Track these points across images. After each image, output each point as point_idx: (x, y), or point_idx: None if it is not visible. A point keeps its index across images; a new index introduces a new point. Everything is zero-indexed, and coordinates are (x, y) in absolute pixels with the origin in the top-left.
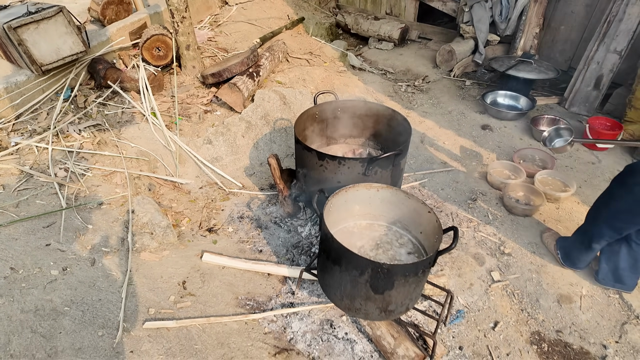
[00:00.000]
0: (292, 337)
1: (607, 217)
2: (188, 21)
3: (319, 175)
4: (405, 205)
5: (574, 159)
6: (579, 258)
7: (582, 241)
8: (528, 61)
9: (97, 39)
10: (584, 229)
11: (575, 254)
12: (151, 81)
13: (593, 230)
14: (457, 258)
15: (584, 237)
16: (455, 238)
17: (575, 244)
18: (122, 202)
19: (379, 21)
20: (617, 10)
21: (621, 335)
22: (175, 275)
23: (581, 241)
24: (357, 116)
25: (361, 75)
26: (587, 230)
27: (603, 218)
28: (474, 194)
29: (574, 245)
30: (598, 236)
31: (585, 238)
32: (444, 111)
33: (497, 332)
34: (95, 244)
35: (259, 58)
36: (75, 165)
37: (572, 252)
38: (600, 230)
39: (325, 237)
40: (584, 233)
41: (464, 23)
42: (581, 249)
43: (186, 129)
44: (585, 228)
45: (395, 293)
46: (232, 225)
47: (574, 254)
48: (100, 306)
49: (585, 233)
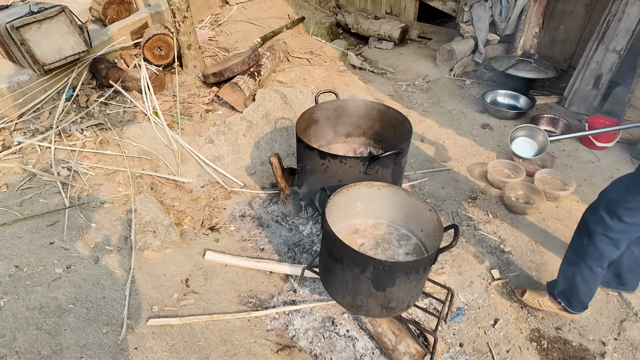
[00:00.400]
0: (294, 334)
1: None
2: (189, 21)
3: (321, 174)
4: (407, 203)
5: (573, 157)
6: (590, 295)
7: (582, 274)
8: (528, 60)
9: (99, 39)
10: (576, 261)
11: (583, 292)
12: (153, 80)
13: (587, 259)
14: (457, 256)
15: (586, 270)
16: (456, 236)
17: (579, 284)
18: (125, 200)
19: (379, 21)
20: (617, 10)
21: (620, 333)
22: (178, 273)
23: (581, 275)
24: (358, 115)
25: (361, 75)
26: (582, 260)
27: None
28: (474, 193)
29: (577, 286)
30: (598, 260)
31: (585, 268)
32: (444, 110)
33: (497, 329)
34: (98, 243)
35: (259, 57)
36: (77, 164)
37: (579, 293)
38: (597, 255)
39: (327, 235)
40: (579, 265)
41: (464, 22)
42: (587, 279)
43: (188, 128)
44: (577, 260)
45: (396, 290)
46: (234, 224)
47: (583, 293)
48: (104, 304)
49: (581, 263)
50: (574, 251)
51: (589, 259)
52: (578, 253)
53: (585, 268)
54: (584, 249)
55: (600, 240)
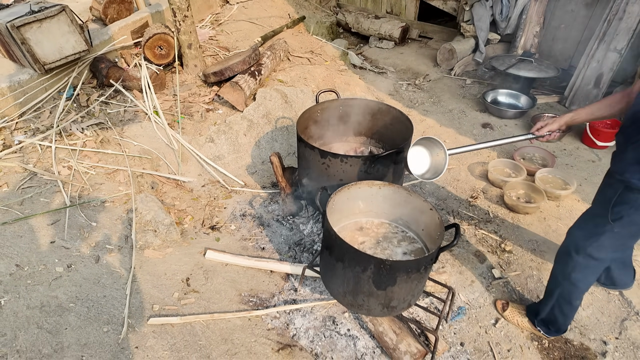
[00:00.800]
0: (295, 333)
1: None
2: (190, 20)
3: (321, 173)
4: (407, 202)
5: (574, 157)
6: (568, 320)
7: (565, 309)
8: (528, 60)
9: (99, 38)
10: (555, 296)
11: (562, 321)
12: (153, 80)
13: (573, 290)
14: (458, 256)
15: (565, 306)
16: (457, 235)
17: (558, 316)
18: (125, 200)
19: (380, 20)
20: (617, 9)
21: (621, 332)
22: (179, 272)
23: (564, 310)
24: (358, 114)
25: (362, 74)
26: (567, 295)
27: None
28: (475, 192)
29: (556, 317)
30: (576, 294)
31: (567, 305)
32: (445, 110)
33: (498, 328)
34: (99, 242)
35: (260, 57)
36: (78, 163)
37: (558, 322)
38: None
39: (328, 234)
40: (562, 302)
41: (465, 22)
42: (566, 312)
43: (188, 128)
44: (563, 295)
45: (397, 289)
46: (234, 223)
47: (561, 322)
48: (105, 302)
49: (565, 300)
50: (553, 287)
51: (567, 295)
52: (556, 290)
53: (563, 303)
54: (562, 287)
55: (575, 278)
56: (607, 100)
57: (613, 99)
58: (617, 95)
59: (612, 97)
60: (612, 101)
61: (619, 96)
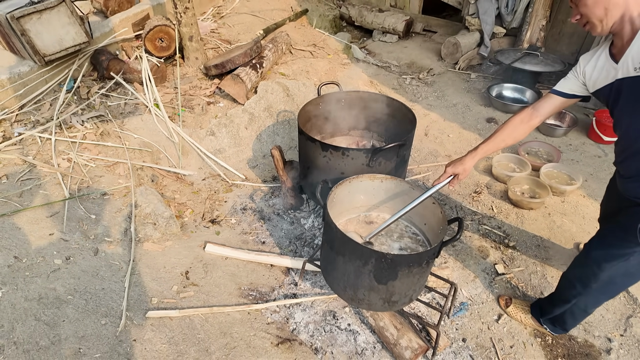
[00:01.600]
0: (294, 327)
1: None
2: (191, 12)
3: (323, 166)
4: (410, 196)
5: (580, 152)
6: (575, 324)
7: (575, 313)
8: (534, 54)
9: (100, 30)
10: (569, 300)
11: (570, 323)
12: (154, 72)
13: (581, 304)
14: (461, 251)
15: (575, 309)
16: (460, 229)
17: (569, 317)
18: (125, 192)
19: (384, 13)
20: None
21: (626, 329)
22: (178, 266)
23: (574, 314)
24: (361, 107)
25: (365, 68)
26: (576, 305)
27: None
28: (479, 187)
29: (567, 318)
30: (594, 305)
31: (578, 310)
32: (449, 104)
33: (501, 324)
34: (98, 234)
35: (262, 50)
36: (78, 155)
37: (566, 323)
38: (592, 301)
39: (328, 227)
40: (572, 306)
41: (470, 15)
42: (577, 316)
43: (189, 121)
44: (571, 300)
45: (398, 284)
46: (235, 217)
47: (570, 324)
48: (103, 295)
49: (574, 307)
50: (570, 295)
51: (584, 305)
52: (574, 298)
53: (579, 311)
54: (581, 297)
55: (599, 293)
56: (508, 127)
57: (517, 121)
58: (520, 116)
59: (515, 120)
60: (515, 124)
61: (524, 115)
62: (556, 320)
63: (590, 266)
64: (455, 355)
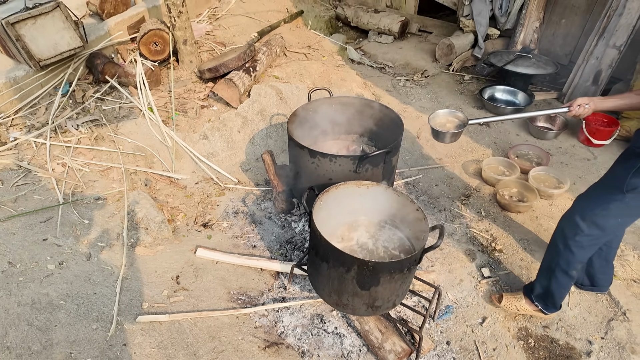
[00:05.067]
0: (282, 331)
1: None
2: (185, 16)
3: (311, 172)
4: (395, 202)
5: (569, 155)
6: (564, 294)
7: (561, 279)
8: (527, 56)
9: (96, 33)
10: (557, 267)
11: (558, 294)
12: (148, 76)
13: (571, 258)
14: (448, 254)
15: (561, 276)
16: (441, 236)
17: (555, 289)
18: (119, 197)
19: (379, 14)
20: (617, 5)
21: (607, 332)
22: (169, 270)
23: (560, 280)
24: (351, 112)
25: (360, 69)
26: (564, 263)
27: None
28: (468, 190)
29: (552, 290)
30: (573, 264)
31: (562, 274)
32: (442, 106)
33: (485, 327)
34: (91, 239)
35: (255, 53)
36: (72, 160)
37: (554, 296)
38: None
39: (313, 234)
40: (558, 271)
41: (464, 16)
42: (562, 283)
43: (183, 124)
44: (559, 264)
45: (381, 289)
46: (227, 221)
47: (557, 296)
48: (95, 300)
49: (560, 269)
50: (551, 257)
51: (564, 265)
52: (554, 259)
53: (560, 273)
54: (560, 255)
55: (575, 246)
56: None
57: None
58: None
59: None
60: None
61: None
62: (546, 297)
63: (573, 217)
64: (439, 358)
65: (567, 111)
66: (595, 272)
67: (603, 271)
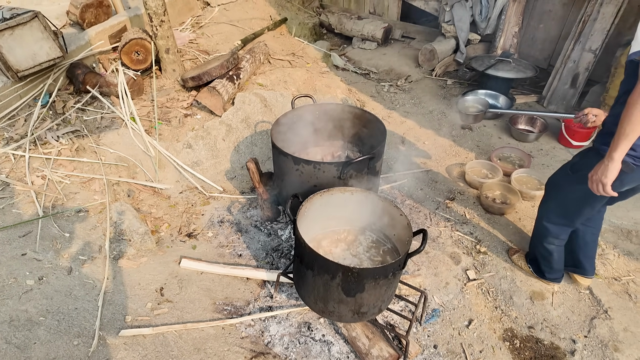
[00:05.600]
0: (269, 340)
1: (546, 214)
2: (167, 25)
3: (296, 179)
4: (379, 208)
5: (550, 156)
6: (548, 266)
7: (538, 247)
8: (507, 60)
9: (76, 43)
10: (534, 234)
11: (543, 264)
12: (130, 86)
13: (544, 234)
14: (434, 258)
15: (536, 242)
16: (424, 241)
17: (537, 254)
18: (101, 209)
19: (363, 20)
20: (592, 10)
21: (590, 330)
22: (153, 282)
23: (538, 248)
24: (335, 119)
25: (344, 76)
26: (536, 234)
27: (544, 216)
28: (452, 194)
29: (536, 255)
30: (551, 237)
31: (538, 242)
32: (425, 111)
33: (471, 329)
34: (72, 253)
35: (239, 60)
36: (52, 172)
37: (539, 263)
38: (550, 232)
39: (297, 242)
40: (535, 238)
41: (446, 22)
42: (543, 254)
43: (166, 134)
44: (534, 232)
45: (366, 295)
46: (212, 230)
47: (542, 265)
48: (76, 315)
49: (536, 237)
50: (535, 232)
51: (542, 239)
52: (536, 234)
53: (540, 246)
54: (539, 231)
55: (548, 222)
56: None
57: None
58: None
59: None
60: None
61: None
62: (535, 263)
63: (538, 215)
64: None
65: (575, 116)
66: (577, 254)
67: (584, 254)
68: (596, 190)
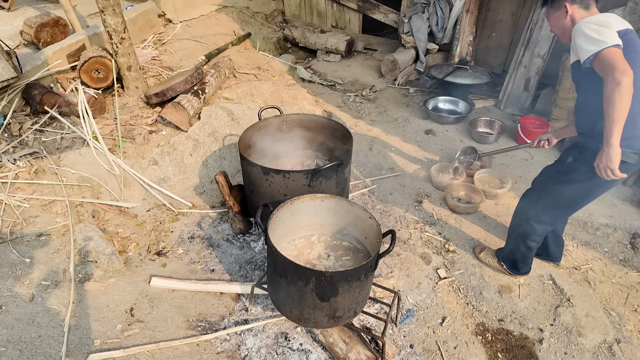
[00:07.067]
0: (246, 354)
1: (535, 215)
2: (128, 42)
3: (266, 189)
4: (349, 212)
5: (509, 156)
6: (525, 262)
7: (519, 246)
8: (464, 67)
9: (32, 63)
10: (515, 234)
11: (520, 260)
12: (92, 104)
13: (530, 233)
14: (405, 259)
15: (519, 242)
16: (393, 240)
17: (516, 252)
18: (64, 231)
19: (326, 34)
20: (537, 18)
21: (555, 318)
22: (122, 303)
23: (519, 246)
24: (302, 129)
25: (310, 88)
26: (520, 233)
27: (532, 217)
28: (420, 196)
29: (515, 253)
30: (535, 235)
31: (521, 241)
32: (390, 119)
33: (445, 327)
34: (33, 278)
35: (204, 75)
36: (10, 197)
37: (516, 260)
38: (532, 228)
39: (270, 251)
40: (517, 238)
41: (405, 33)
42: (523, 252)
43: (130, 151)
44: (516, 233)
45: (341, 299)
46: (182, 247)
47: (520, 261)
48: (40, 343)
49: (518, 237)
50: (517, 233)
51: (527, 238)
52: (520, 234)
53: (522, 245)
54: (524, 231)
55: (537, 223)
56: None
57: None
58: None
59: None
60: None
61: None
62: (510, 261)
63: (519, 213)
64: None
65: (532, 144)
66: (551, 248)
67: (555, 243)
68: (605, 176)
